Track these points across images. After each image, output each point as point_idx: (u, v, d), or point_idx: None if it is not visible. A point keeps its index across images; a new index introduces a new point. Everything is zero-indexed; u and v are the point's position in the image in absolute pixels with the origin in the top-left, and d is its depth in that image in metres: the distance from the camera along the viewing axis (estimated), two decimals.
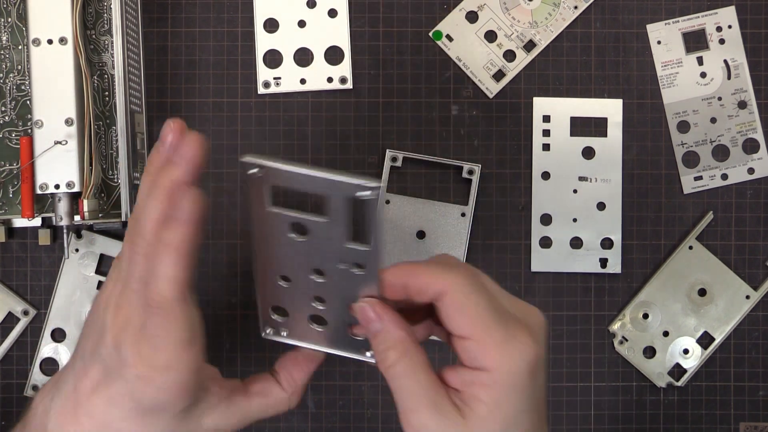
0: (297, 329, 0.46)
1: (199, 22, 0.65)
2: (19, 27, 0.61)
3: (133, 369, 0.39)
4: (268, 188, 0.39)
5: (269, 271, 0.43)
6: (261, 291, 0.44)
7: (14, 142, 0.61)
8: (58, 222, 0.59)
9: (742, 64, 0.66)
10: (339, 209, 0.38)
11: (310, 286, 0.42)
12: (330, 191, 0.37)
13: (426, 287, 0.40)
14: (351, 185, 0.37)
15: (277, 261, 0.42)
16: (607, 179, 0.65)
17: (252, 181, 0.38)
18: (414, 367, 0.40)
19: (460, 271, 0.41)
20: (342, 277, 0.41)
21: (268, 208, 0.40)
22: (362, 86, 0.65)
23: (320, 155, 0.65)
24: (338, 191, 0.37)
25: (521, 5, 0.65)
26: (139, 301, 0.39)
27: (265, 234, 0.41)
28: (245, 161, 0.38)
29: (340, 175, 0.37)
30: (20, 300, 0.64)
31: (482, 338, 0.39)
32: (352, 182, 0.37)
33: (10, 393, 0.64)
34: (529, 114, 0.65)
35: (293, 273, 0.42)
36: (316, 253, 0.41)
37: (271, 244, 0.41)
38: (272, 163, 0.38)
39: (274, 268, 0.43)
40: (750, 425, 0.66)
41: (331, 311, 0.44)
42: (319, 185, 0.38)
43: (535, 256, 0.65)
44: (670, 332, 0.65)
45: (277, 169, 0.38)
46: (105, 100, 0.62)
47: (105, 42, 0.62)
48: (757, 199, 0.66)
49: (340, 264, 0.40)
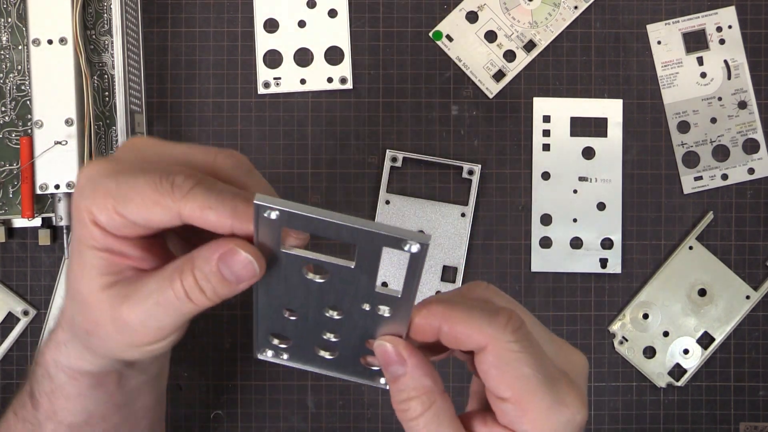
0: (300, 354, 0.40)
1: (199, 22, 0.65)
2: (19, 27, 0.61)
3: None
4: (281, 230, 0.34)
5: (272, 304, 0.38)
6: (260, 318, 0.39)
7: (14, 142, 0.61)
8: (58, 222, 0.59)
9: (742, 64, 0.66)
10: (370, 258, 0.33)
11: (323, 321, 0.38)
12: (362, 241, 0.33)
13: (464, 338, 0.35)
14: (396, 240, 0.32)
15: (285, 296, 0.37)
16: (607, 179, 0.65)
17: (265, 223, 0.33)
18: (439, 423, 0.36)
19: (504, 320, 0.35)
20: (363, 316, 0.36)
21: (283, 249, 0.35)
22: (362, 86, 0.65)
23: (320, 155, 0.65)
24: (373, 243, 0.33)
25: (521, 5, 0.65)
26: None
27: (275, 271, 0.36)
28: (261, 204, 0.32)
29: (383, 228, 0.32)
30: (20, 300, 0.64)
31: (526, 403, 0.34)
32: (399, 236, 0.32)
33: (10, 393, 0.64)
34: (529, 114, 0.65)
35: (303, 309, 0.37)
36: (334, 293, 0.36)
37: (278, 280, 0.36)
38: (296, 209, 0.32)
39: (279, 302, 0.38)
40: (750, 425, 0.66)
41: (343, 343, 0.39)
42: (351, 235, 0.32)
43: (535, 256, 0.65)
44: (670, 332, 0.65)
45: (303, 216, 0.32)
46: (105, 100, 0.62)
47: (105, 42, 0.62)
48: (757, 199, 0.66)
49: (364, 305, 0.36)
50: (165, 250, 0.39)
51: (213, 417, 0.65)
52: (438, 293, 0.64)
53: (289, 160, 0.65)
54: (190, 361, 0.64)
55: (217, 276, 0.35)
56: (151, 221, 0.36)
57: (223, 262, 0.35)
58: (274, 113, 0.65)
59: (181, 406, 0.65)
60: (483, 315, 0.35)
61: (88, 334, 0.39)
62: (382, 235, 0.32)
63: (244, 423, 0.65)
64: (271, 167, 0.65)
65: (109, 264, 0.37)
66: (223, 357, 0.65)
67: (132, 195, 0.35)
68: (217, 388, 0.65)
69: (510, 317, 0.35)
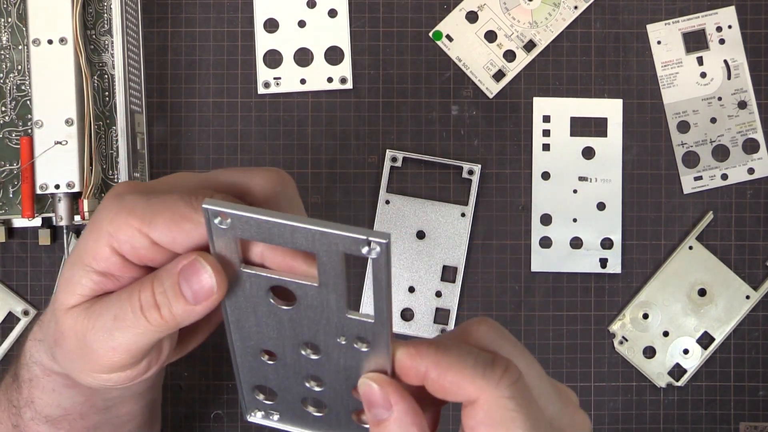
0: (289, 412, 0.37)
1: (199, 22, 0.65)
2: (19, 27, 0.61)
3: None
4: (238, 242, 0.31)
5: (247, 345, 0.34)
6: (240, 368, 0.36)
7: (14, 142, 0.61)
8: (58, 222, 0.59)
9: (742, 64, 0.66)
10: (333, 270, 0.30)
11: (302, 364, 0.34)
12: (321, 247, 0.29)
13: (454, 388, 0.31)
14: (349, 239, 0.28)
15: (258, 333, 0.33)
16: (607, 179, 0.65)
17: (217, 233, 0.30)
18: None
19: (500, 372, 0.31)
20: (342, 353, 0.33)
21: (240, 267, 0.31)
22: (362, 86, 0.65)
23: (320, 155, 0.65)
24: (331, 247, 0.29)
25: (521, 5, 0.65)
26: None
27: (239, 299, 0.32)
28: (207, 207, 0.29)
29: (333, 227, 0.28)
30: (20, 300, 0.64)
31: None
32: (350, 236, 0.28)
33: None
34: (529, 114, 0.65)
35: (279, 348, 0.34)
36: (306, 325, 0.32)
37: (247, 313, 0.33)
38: (243, 211, 0.29)
39: (254, 342, 0.34)
40: (750, 425, 0.66)
41: (330, 393, 0.35)
42: (307, 240, 0.29)
43: (535, 256, 0.65)
44: (670, 332, 0.65)
45: (250, 218, 0.29)
46: (105, 100, 0.62)
47: (105, 42, 0.62)
48: (757, 199, 0.66)
49: (339, 338, 0.32)
50: None
51: (213, 417, 0.65)
52: (438, 294, 0.64)
53: (289, 160, 0.65)
54: (190, 361, 0.64)
55: (175, 290, 0.33)
56: (177, 240, 0.34)
57: (183, 275, 0.33)
58: (274, 113, 0.65)
59: (181, 406, 0.65)
60: (477, 364, 0.32)
61: (55, 343, 0.38)
62: (332, 234, 0.28)
63: (244, 423, 0.65)
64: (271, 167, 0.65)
65: (97, 289, 0.36)
66: (223, 357, 0.65)
67: (161, 210, 0.33)
68: (217, 388, 0.65)
69: (507, 369, 0.32)
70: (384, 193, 0.64)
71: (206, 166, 0.65)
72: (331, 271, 0.30)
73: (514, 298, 0.65)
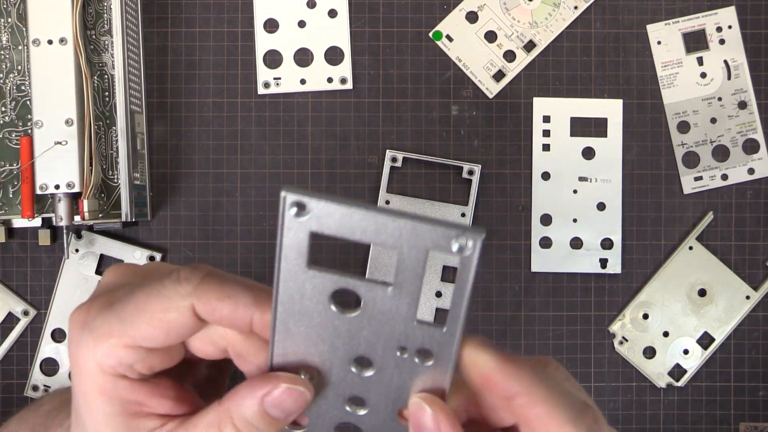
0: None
1: (199, 22, 0.65)
2: (19, 27, 0.61)
3: None
4: (309, 237, 0.27)
5: (287, 362, 0.31)
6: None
7: (14, 142, 0.61)
8: (58, 222, 0.59)
9: (742, 64, 0.66)
10: (413, 269, 0.27)
11: (347, 383, 0.31)
12: (405, 242, 0.26)
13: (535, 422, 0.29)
14: (440, 233, 0.26)
15: (305, 346, 0.30)
16: (607, 179, 0.65)
17: (288, 224, 0.27)
18: None
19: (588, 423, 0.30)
20: (397, 369, 0.30)
21: (306, 268, 0.28)
22: (362, 86, 0.65)
23: (320, 155, 0.65)
24: (418, 242, 0.26)
25: (521, 5, 0.65)
26: None
27: (294, 306, 0.29)
28: (287, 194, 0.26)
29: (424, 220, 0.26)
30: (20, 300, 0.64)
31: None
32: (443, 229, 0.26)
33: (10, 393, 0.64)
34: (529, 114, 0.65)
35: (325, 363, 0.30)
36: (366, 335, 0.29)
37: (299, 322, 0.29)
38: (327, 200, 0.26)
39: (297, 358, 0.30)
40: (750, 425, 0.66)
41: (371, 418, 0.31)
42: (391, 233, 0.26)
43: (535, 256, 0.65)
44: (670, 332, 0.65)
45: (336, 208, 0.26)
46: (105, 100, 0.62)
47: (105, 42, 0.62)
48: (757, 199, 0.66)
49: (400, 350, 0.29)
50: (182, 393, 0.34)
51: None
52: (438, 294, 0.64)
53: (289, 160, 0.65)
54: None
55: (265, 419, 0.31)
56: (169, 335, 0.31)
57: (267, 402, 0.31)
58: (274, 113, 0.65)
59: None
60: (572, 407, 0.30)
61: None
62: (424, 227, 0.25)
63: None
64: (271, 167, 0.65)
65: (125, 419, 0.32)
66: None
67: (136, 314, 0.30)
68: None
69: (595, 420, 0.30)
70: (384, 194, 0.64)
71: (206, 166, 0.65)
72: (410, 271, 0.27)
73: (514, 298, 0.65)
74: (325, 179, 0.65)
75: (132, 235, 0.65)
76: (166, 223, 0.65)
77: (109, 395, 0.32)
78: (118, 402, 0.32)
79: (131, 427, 0.32)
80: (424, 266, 0.27)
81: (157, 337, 0.31)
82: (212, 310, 0.30)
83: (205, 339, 0.32)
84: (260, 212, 0.65)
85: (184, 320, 0.30)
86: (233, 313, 0.30)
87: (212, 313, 0.30)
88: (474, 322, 0.65)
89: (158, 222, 0.65)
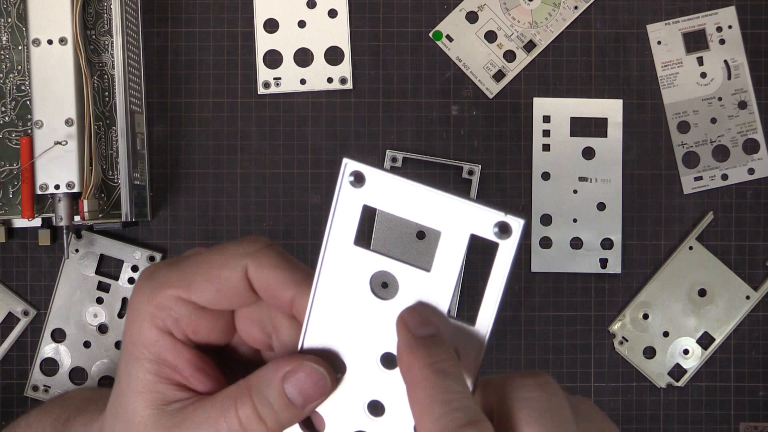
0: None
1: (199, 22, 0.65)
2: (19, 27, 0.61)
3: None
4: (362, 210, 0.28)
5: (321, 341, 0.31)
6: None
7: (14, 142, 0.61)
8: (58, 222, 0.59)
9: (742, 64, 0.66)
10: (452, 257, 0.27)
11: (371, 383, 0.30)
12: (448, 223, 0.27)
13: None
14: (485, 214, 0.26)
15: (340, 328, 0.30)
16: (607, 179, 0.65)
17: (344, 193, 0.28)
18: None
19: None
20: None
21: (353, 243, 0.28)
22: (362, 86, 0.65)
23: (320, 155, 0.65)
24: (461, 224, 0.26)
25: (521, 5, 0.65)
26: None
27: (336, 281, 0.29)
28: (348, 162, 0.27)
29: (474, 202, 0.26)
30: (20, 300, 0.64)
31: None
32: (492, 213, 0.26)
33: (10, 393, 0.64)
34: (529, 114, 0.65)
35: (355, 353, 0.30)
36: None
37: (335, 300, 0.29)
38: (385, 172, 0.27)
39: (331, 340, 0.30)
40: (750, 425, 0.66)
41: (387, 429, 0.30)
42: (437, 212, 0.27)
43: (535, 256, 0.65)
44: (670, 332, 0.65)
45: (392, 180, 0.27)
46: (105, 100, 0.62)
47: (105, 42, 0.62)
48: (757, 199, 0.66)
49: None
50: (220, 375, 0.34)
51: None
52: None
53: (289, 160, 0.65)
54: None
55: (282, 399, 0.31)
56: (220, 294, 0.32)
57: (288, 381, 0.30)
58: (274, 113, 0.65)
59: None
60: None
61: None
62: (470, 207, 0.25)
63: None
64: (271, 167, 0.65)
65: (158, 379, 0.33)
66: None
67: (195, 269, 0.32)
68: None
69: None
70: None
71: (206, 166, 0.65)
72: (449, 258, 0.27)
73: (514, 298, 0.65)
74: (325, 179, 0.65)
75: (132, 235, 0.65)
76: (166, 223, 0.65)
77: (150, 348, 0.32)
78: (156, 359, 0.33)
79: (160, 390, 0.33)
80: (464, 252, 0.26)
81: (209, 293, 0.32)
82: (263, 277, 0.31)
83: (254, 317, 0.33)
84: (260, 212, 0.65)
85: (236, 281, 0.31)
86: (280, 286, 0.31)
87: (263, 280, 0.31)
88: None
89: (158, 222, 0.65)
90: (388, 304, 0.28)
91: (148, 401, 0.33)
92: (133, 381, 0.33)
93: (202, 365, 0.33)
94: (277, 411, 0.31)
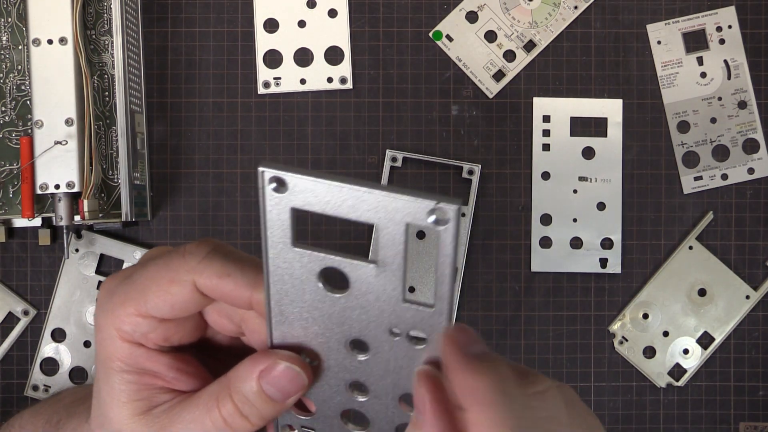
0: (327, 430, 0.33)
1: (199, 22, 0.65)
2: (19, 27, 0.61)
3: None
4: (292, 213, 0.27)
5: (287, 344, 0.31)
6: None
7: (14, 142, 0.61)
8: (58, 222, 0.59)
9: (742, 64, 0.66)
10: (393, 246, 0.26)
11: (347, 367, 0.30)
12: (383, 217, 0.26)
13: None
14: (414, 205, 0.25)
15: (301, 328, 0.30)
16: (607, 179, 0.65)
17: (269, 200, 0.27)
18: None
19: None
20: (393, 351, 0.29)
21: (291, 246, 0.28)
22: (362, 86, 0.65)
23: (320, 155, 0.65)
24: (395, 216, 0.26)
25: (521, 5, 0.65)
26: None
27: (285, 285, 0.29)
28: (265, 170, 0.26)
29: (397, 191, 0.25)
30: (20, 300, 0.64)
31: None
32: (416, 201, 0.25)
33: (10, 393, 0.64)
34: (529, 114, 0.65)
35: (323, 347, 0.30)
36: (356, 317, 0.29)
37: (292, 303, 0.29)
38: (304, 174, 0.26)
39: (298, 335, 0.30)
40: (750, 425, 0.66)
41: (374, 404, 0.31)
42: (369, 207, 0.26)
43: (535, 256, 0.65)
44: (670, 332, 0.65)
45: (312, 182, 0.26)
46: (105, 100, 0.62)
47: (105, 42, 0.62)
48: (757, 199, 0.66)
49: (392, 332, 0.29)
50: (201, 371, 0.34)
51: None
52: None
53: (289, 160, 0.65)
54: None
55: (261, 396, 0.31)
56: (174, 307, 0.32)
57: (265, 379, 0.31)
58: (274, 113, 0.65)
59: None
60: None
61: None
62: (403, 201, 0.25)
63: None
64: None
65: (139, 388, 0.33)
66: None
67: (147, 284, 0.32)
68: None
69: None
70: None
71: (206, 166, 0.65)
72: (392, 248, 0.26)
73: (514, 298, 0.65)
74: None
75: (132, 235, 0.65)
76: (166, 223, 0.65)
77: (126, 361, 0.32)
78: (135, 370, 0.33)
79: (144, 397, 0.33)
80: (404, 242, 0.26)
81: (164, 308, 0.31)
82: (213, 286, 0.31)
83: (222, 312, 0.33)
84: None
85: (187, 294, 0.31)
86: (233, 291, 0.31)
87: (213, 290, 0.31)
88: (474, 322, 0.65)
89: (158, 222, 0.65)
90: (343, 296, 0.28)
91: (133, 410, 0.33)
92: (115, 392, 0.33)
93: (181, 365, 0.33)
94: (258, 408, 0.31)
